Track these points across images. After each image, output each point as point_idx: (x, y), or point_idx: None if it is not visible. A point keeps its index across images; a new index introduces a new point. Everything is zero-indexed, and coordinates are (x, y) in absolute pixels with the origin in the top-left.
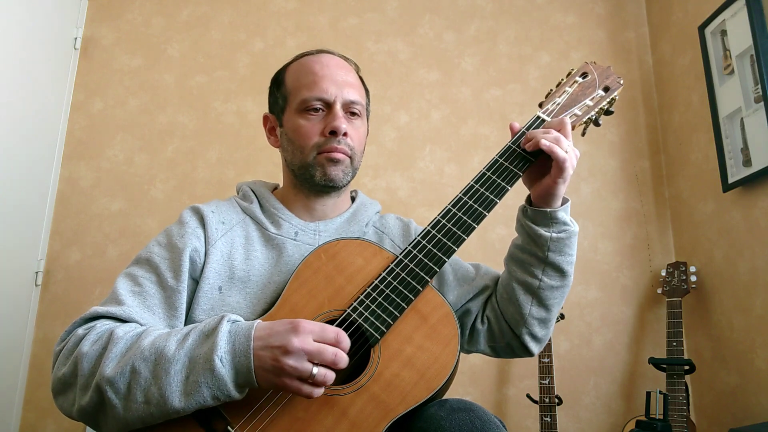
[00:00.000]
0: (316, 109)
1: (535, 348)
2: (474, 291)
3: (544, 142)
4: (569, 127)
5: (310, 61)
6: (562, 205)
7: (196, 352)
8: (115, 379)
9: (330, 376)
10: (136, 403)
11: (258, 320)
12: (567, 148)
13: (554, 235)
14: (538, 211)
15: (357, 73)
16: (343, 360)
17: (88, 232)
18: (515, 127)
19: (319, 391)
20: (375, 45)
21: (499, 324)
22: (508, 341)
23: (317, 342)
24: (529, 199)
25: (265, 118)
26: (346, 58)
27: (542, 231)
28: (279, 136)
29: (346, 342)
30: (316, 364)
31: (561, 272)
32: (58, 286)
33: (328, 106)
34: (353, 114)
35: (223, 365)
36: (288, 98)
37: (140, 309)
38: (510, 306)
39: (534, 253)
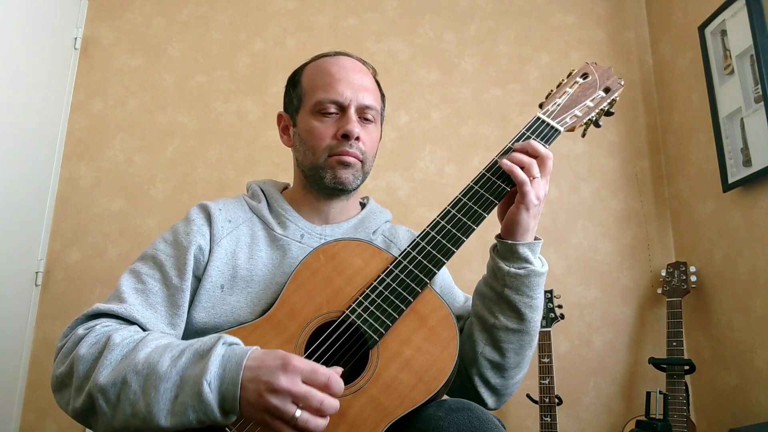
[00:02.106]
0: (330, 112)
1: (489, 398)
2: None
3: (505, 162)
4: (549, 162)
5: (328, 63)
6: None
7: (188, 372)
8: (106, 388)
9: (313, 423)
10: (123, 414)
11: (255, 347)
12: (536, 174)
13: (512, 270)
14: (503, 243)
15: (374, 77)
16: (331, 408)
17: (88, 232)
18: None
19: None
20: (375, 45)
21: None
22: (462, 382)
23: (306, 384)
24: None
25: (279, 117)
26: (364, 62)
27: (502, 264)
28: (292, 135)
29: (338, 386)
30: (301, 408)
31: (518, 314)
32: (58, 286)
33: (342, 109)
34: (367, 119)
35: (210, 390)
36: (303, 98)
37: (142, 307)
38: (467, 342)
39: (493, 287)
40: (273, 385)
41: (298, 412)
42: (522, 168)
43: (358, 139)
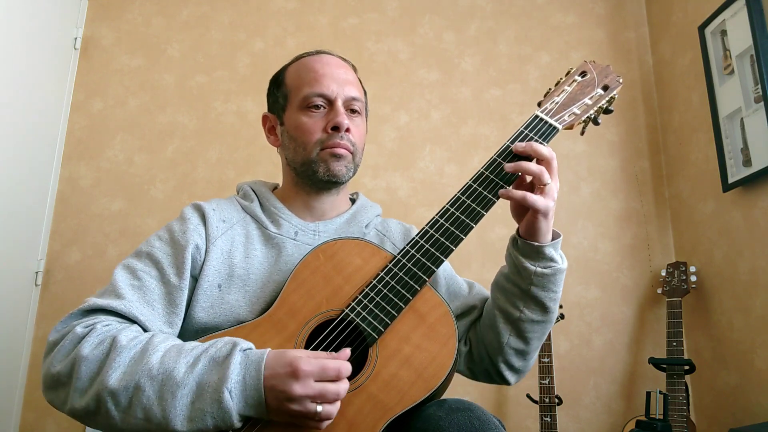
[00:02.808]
0: (318, 106)
1: (512, 378)
2: (462, 309)
3: (516, 194)
4: (554, 162)
5: (311, 61)
6: (554, 239)
7: (205, 379)
8: (118, 392)
9: (334, 410)
10: (134, 419)
11: (267, 350)
12: (547, 181)
13: (539, 269)
14: (526, 244)
15: (355, 73)
16: (345, 393)
17: (88, 232)
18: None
19: (325, 425)
20: (375, 45)
21: (479, 348)
22: (485, 367)
23: (318, 382)
24: (518, 230)
25: (265, 118)
26: (344, 59)
27: (527, 264)
28: (279, 134)
29: (347, 370)
30: (320, 403)
31: (543, 308)
32: (58, 286)
33: (330, 102)
34: (354, 111)
35: (231, 398)
36: (289, 96)
37: (140, 304)
38: (490, 332)
39: (518, 284)
40: (289, 395)
41: (320, 408)
42: (532, 175)
43: (348, 130)
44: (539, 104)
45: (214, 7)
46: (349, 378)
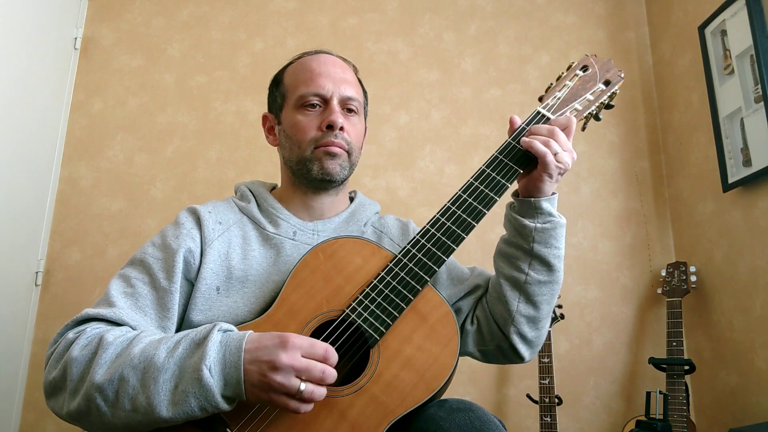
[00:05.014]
0: (313, 105)
1: (526, 351)
2: (465, 290)
3: (525, 139)
4: (573, 126)
5: (308, 60)
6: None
7: (186, 361)
8: (104, 386)
9: (318, 392)
10: (123, 411)
11: (249, 331)
12: (557, 150)
13: (539, 225)
14: (523, 202)
15: (355, 74)
16: (331, 377)
17: (88, 232)
18: (515, 122)
19: (306, 407)
20: (375, 45)
21: (489, 324)
22: (498, 343)
23: (305, 358)
24: (516, 193)
25: (264, 118)
26: (344, 59)
27: (527, 222)
28: (277, 134)
29: (335, 358)
30: (304, 380)
31: (548, 265)
32: (58, 286)
33: (325, 101)
34: (350, 110)
35: (211, 375)
36: (286, 95)
37: (131, 311)
38: (498, 304)
39: (519, 245)
40: (275, 363)
41: (303, 385)
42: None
43: (342, 129)
44: (540, 99)
45: (214, 7)
46: (351, 380)
